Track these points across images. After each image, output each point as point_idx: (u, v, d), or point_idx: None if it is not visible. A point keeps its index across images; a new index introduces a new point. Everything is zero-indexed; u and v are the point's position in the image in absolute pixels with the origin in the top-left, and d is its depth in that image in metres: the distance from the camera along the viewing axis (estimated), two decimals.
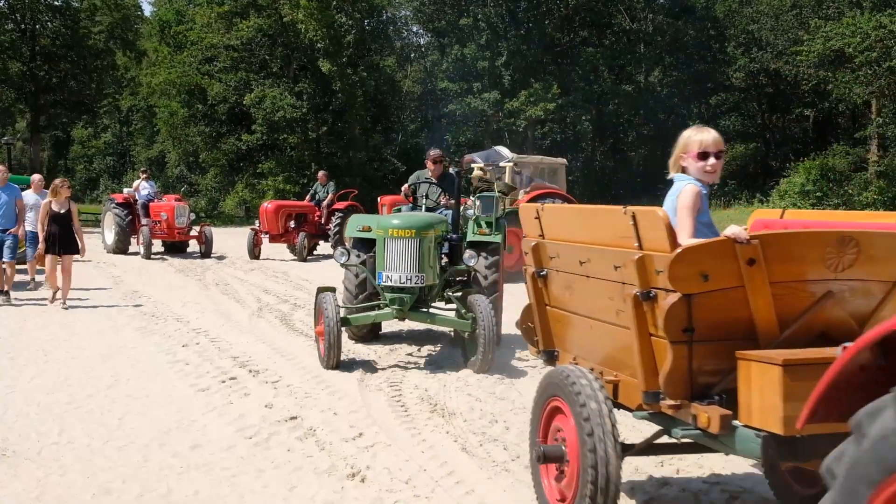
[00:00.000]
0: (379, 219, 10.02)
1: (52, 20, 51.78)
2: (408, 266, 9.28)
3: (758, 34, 50.86)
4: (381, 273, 9.39)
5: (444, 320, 9.51)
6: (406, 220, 9.59)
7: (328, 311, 8.90)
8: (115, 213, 23.51)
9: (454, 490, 5.67)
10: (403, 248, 9.29)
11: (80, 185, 78.25)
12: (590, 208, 5.33)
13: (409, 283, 9.28)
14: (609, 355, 4.89)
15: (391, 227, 9.34)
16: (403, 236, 9.30)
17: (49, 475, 5.85)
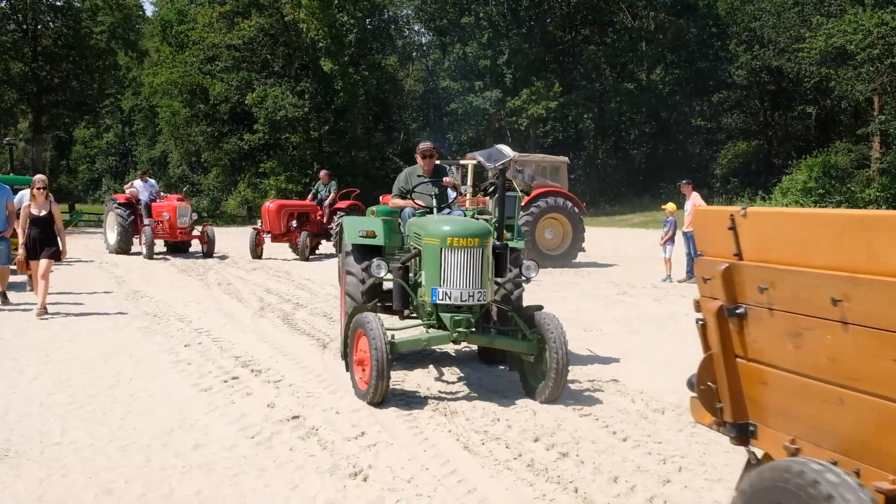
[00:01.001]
0: (424, 225, 8.33)
1: (53, 20, 51.79)
2: (471, 280, 7.86)
3: (760, 31, 50.77)
4: (436, 289, 7.84)
5: (507, 342, 8.17)
6: (465, 226, 8.07)
7: (376, 336, 7.48)
8: (117, 213, 23.51)
9: (456, 489, 5.67)
10: (465, 259, 7.86)
11: (82, 185, 78.45)
12: (850, 214, 3.48)
13: (471, 300, 7.83)
14: (879, 447, 3.26)
15: (450, 236, 7.85)
16: (465, 246, 7.87)
17: (51, 475, 5.85)
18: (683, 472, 6.05)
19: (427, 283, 8.00)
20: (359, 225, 9.38)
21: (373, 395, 7.59)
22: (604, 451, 6.51)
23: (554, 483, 5.77)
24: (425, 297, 8.02)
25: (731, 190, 49.77)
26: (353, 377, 8.02)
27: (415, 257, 8.51)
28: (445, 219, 8.46)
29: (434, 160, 9.85)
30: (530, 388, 8.12)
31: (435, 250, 7.92)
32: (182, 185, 53.80)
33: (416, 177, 9.79)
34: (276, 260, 22.40)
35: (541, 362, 7.95)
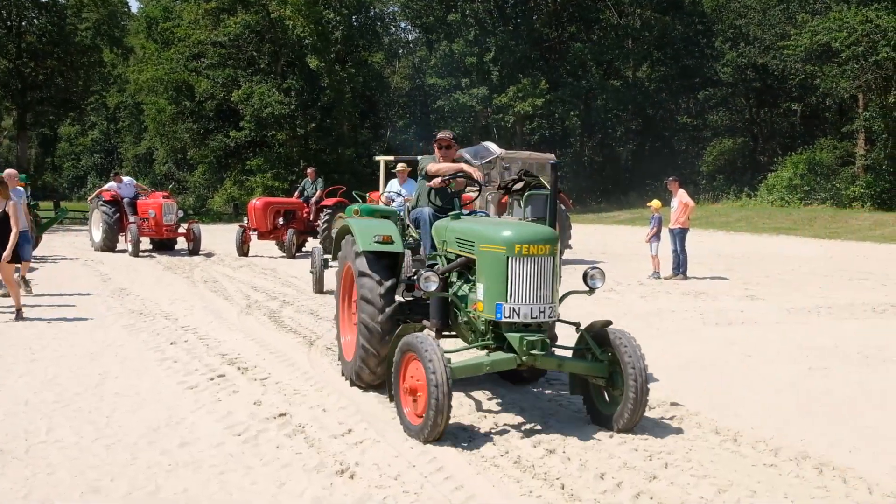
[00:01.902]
0: (477, 230, 7.22)
1: (38, 17, 51.54)
2: (542, 294, 6.76)
3: (745, 29, 51.01)
4: (501, 305, 6.69)
5: (578, 365, 7.06)
6: (535, 231, 6.91)
7: (434, 361, 6.31)
8: (102, 210, 23.42)
9: (443, 486, 5.68)
10: (536, 270, 6.73)
11: (67, 182, 78.14)
12: None
13: (542, 316, 6.76)
14: None
15: (519, 243, 6.68)
16: (536, 254, 6.72)
17: (37, 474, 5.83)
18: (669, 468, 6.07)
19: (488, 298, 6.81)
20: (372, 229, 8.02)
21: (430, 432, 6.41)
22: (590, 448, 6.52)
23: (541, 480, 5.79)
24: (482, 314, 6.91)
25: (716, 187, 49.99)
26: (401, 409, 6.85)
27: (459, 267, 7.46)
28: (507, 223, 7.28)
29: (454, 152, 8.81)
30: (600, 415, 7.13)
31: (498, 260, 6.74)
32: (168, 182, 53.67)
33: None
34: (262, 257, 22.37)
35: (613, 386, 6.94)
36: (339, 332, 8.83)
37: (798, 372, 9.36)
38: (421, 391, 6.47)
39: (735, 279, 18.48)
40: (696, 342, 11.20)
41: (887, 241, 30.64)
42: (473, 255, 7.11)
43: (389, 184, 17.10)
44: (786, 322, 13.00)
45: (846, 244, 29.67)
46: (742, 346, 10.80)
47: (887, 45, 37.63)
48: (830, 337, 11.53)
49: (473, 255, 7.11)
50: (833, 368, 9.60)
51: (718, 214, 41.95)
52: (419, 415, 6.55)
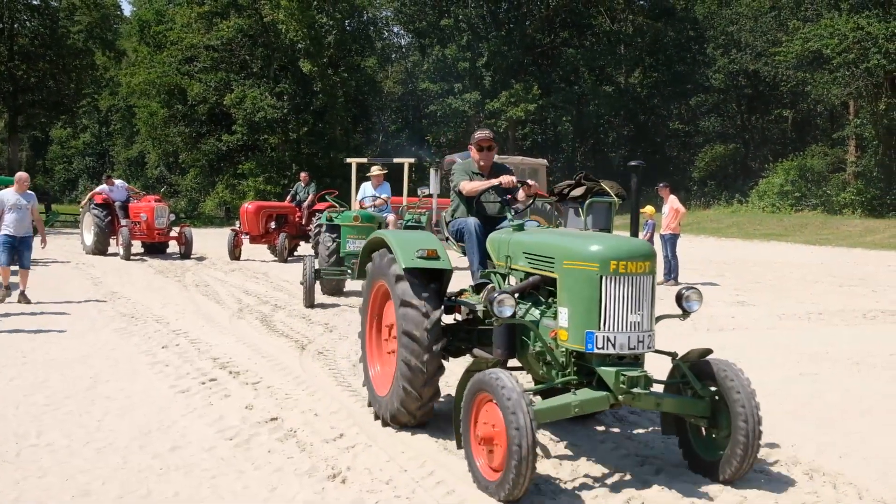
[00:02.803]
0: (556, 243, 6.13)
1: (30, 20, 51.43)
2: (641, 321, 5.68)
3: (737, 36, 51.21)
4: (593, 334, 5.59)
5: (678, 403, 5.91)
6: (632, 245, 5.79)
7: (515, 405, 5.21)
8: (94, 213, 23.37)
9: (435, 490, 5.68)
10: (636, 291, 5.66)
11: (58, 185, 77.95)
12: None
13: (640, 346, 5.68)
14: None
15: (615, 259, 5.60)
16: (636, 272, 5.64)
17: (27, 477, 5.82)
18: (661, 474, 6.08)
19: (575, 325, 5.69)
20: (414, 242, 6.85)
21: (510, 490, 5.30)
22: (582, 453, 6.53)
23: (532, 485, 5.79)
24: (565, 344, 5.82)
25: (708, 193, 50.13)
26: (472, 461, 5.76)
27: (531, 287, 6.42)
28: (594, 235, 6.22)
29: (494, 153, 7.81)
30: (700, 461, 6.07)
31: (589, 279, 5.64)
32: (160, 185, 53.57)
33: (472, 172, 7.78)
34: (254, 261, 22.34)
35: (717, 427, 5.88)
36: (366, 358, 7.64)
37: (788, 377, 9.39)
38: (498, 440, 5.37)
39: (726, 285, 18.52)
40: (687, 348, 11.21)
41: (878, 247, 30.74)
42: (552, 273, 6.00)
43: (362, 187, 16.72)
44: (777, 328, 13.04)
45: (837, 250, 29.76)
46: (733, 352, 10.80)
47: (878, 52, 37.82)
48: (821, 343, 11.57)
49: (552, 273, 6.00)
50: (823, 374, 9.63)
51: (710, 220, 42.07)
52: (496, 468, 5.47)
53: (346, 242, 14.57)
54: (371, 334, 7.67)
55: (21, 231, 13.94)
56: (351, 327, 12.30)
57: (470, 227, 7.31)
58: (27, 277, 14.25)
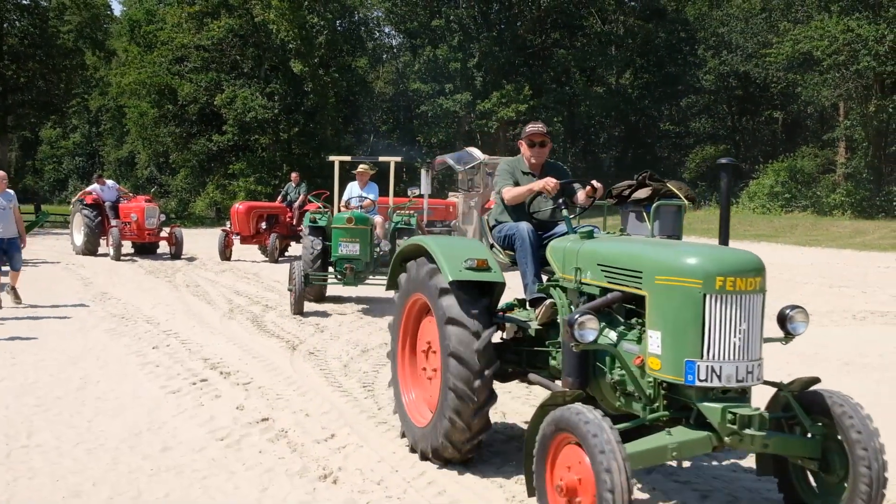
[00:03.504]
0: (642, 253, 5.25)
1: (20, 19, 51.21)
2: (751, 348, 4.90)
3: (728, 37, 51.31)
4: (694, 364, 4.75)
5: (786, 443, 5.01)
6: (742, 258, 4.95)
7: (606, 449, 4.33)
8: (84, 214, 23.32)
9: (426, 490, 5.69)
10: (745, 312, 4.87)
11: (48, 186, 77.69)
12: None
13: (749, 378, 4.88)
14: None
15: (722, 274, 4.76)
16: (746, 290, 4.84)
17: (18, 478, 5.81)
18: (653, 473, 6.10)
19: (671, 352, 4.85)
20: (461, 250, 6.14)
21: None
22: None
23: (522, 485, 5.80)
24: (656, 373, 4.96)
25: (698, 194, 50.19)
26: None
27: (607, 305, 5.49)
28: (692, 245, 5.30)
29: (547, 150, 7.01)
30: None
31: (689, 299, 4.79)
32: (150, 186, 53.42)
33: (523, 171, 7.00)
34: (245, 262, 22.31)
35: (828, 470, 4.97)
36: (398, 381, 6.86)
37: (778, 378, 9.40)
38: (584, 491, 4.49)
39: None
40: None
41: (867, 248, 30.84)
42: (638, 289, 5.13)
43: (349, 187, 15.55)
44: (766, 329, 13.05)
45: (827, 251, 29.84)
46: None
47: (868, 54, 37.94)
48: (811, 343, 11.59)
49: (638, 289, 5.13)
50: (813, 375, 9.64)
51: (700, 221, 42.12)
52: None
53: (339, 246, 13.65)
54: (404, 355, 6.86)
55: (8, 232, 13.59)
56: (342, 327, 12.32)
57: (523, 234, 6.45)
58: (18, 279, 14.06)
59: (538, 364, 6.24)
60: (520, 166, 7.00)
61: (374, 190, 15.33)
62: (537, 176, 6.82)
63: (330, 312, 13.73)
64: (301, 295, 13.34)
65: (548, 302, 6.09)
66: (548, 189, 6.40)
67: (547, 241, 6.44)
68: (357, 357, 10.11)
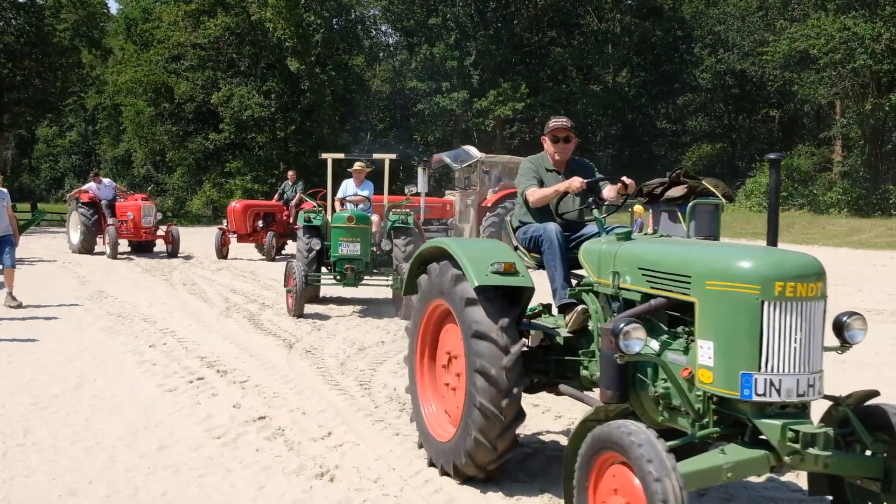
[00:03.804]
0: (713, 257, 4.72)
1: (16, 17, 51.10)
2: (812, 359, 4.51)
3: (724, 35, 51.38)
4: (751, 377, 4.35)
5: (847, 462, 4.58)
6: (803, 262, 4.58)
7: (661, 473, 3.91)
8: (81, 212, 23.30)
9: (423, 489, 5.69)
10: (807, 321, 4.48)
11: (44, 184, 77.58)
12: None
13: (810, 393, 4.47)
14: None
15: (782, 279, 4.38)
16: (807, 297, 4.46)
17: (14, 477, 5.80)
18: None
19: (724, 364, 4.45)
20: (486, 252, 5.76)
21: None
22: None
23: (521, 483, 5.81)
24: (707, 387, 4.54)
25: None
26: None
27: (651, 312, 5.07)
28: (749, 248, 4.88)
29: (572, 145, 6.69)
30: None
31: (745, 306, 4.40)
32: (146, 184, 53.38)
33: (547, 169, 6.68)
34: (241, 260, 22.30)
35: (890, 491, 4.54)
36: (416, 390, 6.51)
37: None
38: None
39: None
40: None
41: (864, 246, 30.89)
42: (686, 295, 4.74)
43: (343, 185, 15.09)
44: None
45: (823, 250, 29.87)
46: None
47: (864, 52, 38.00)
48: None
49: (686, 295, 4.74)
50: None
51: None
52: None
53: (339, 246, 13.29)
54: (422, 363, 6.50)
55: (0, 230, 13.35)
56: (339, 326, 12.32)
57: (551, 235, 6.09)
58: (13, 277, 13.73)
59: (567, 374, 5.87)
60: (543, 164, 6.67)
61: (370, 188, 14.98)
62: (562, 173, 6.54)
63: (326, 311, 13.73)
64: (302, 296, 12.92)
65: (579, 308, 5.71)
66: (574, 189, 6.13)
67: (575, 242, 6.15)
68: (354, 355, 10.11)
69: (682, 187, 6.49)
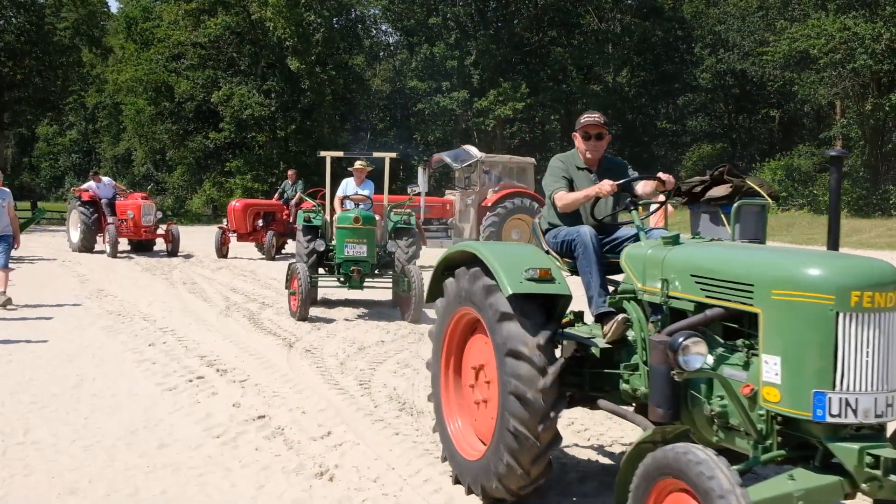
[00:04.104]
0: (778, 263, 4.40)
1: (16, 16, 51.08)
2: (890, 376, 4.07)
3: (724, 35, 51.34)
4: (824, 396, 4.00)
5: None
6: (878, 268, 4.17)
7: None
8: (80, 211, 23.30)
9: (422, 488, 5.69)
10: (885, 333, 4.05)
11: (45, 183, 77.58)
12: None
13: (889, 413, 4.06)
14: None
15: (860, 288, 4.00)
16: (886, 308, 4.04)
17: (14, 476, 5.80)
18: None
19: (793, 381, 4.07)
20: (519, 258, 5.36)
21: None
22: (570, 451, 6.55)
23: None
24: (772, 405, 4.16)
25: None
26: None
27: (705, 324, 4.70)
28: (817, 253, 4.58)
29: (605, 143, 6.23)
30: None
31: (818, 318, 4.02)
32: (146, 183, 53.42)
33: (578, 167, 6.24)
34: (241, 259, 22.30)
35: None
36: (441, 403, 6.09)
37: None
38: None
39: None
40: None
41: (864, 247, 30.87)
42: (749, 305, 4.35)
43: (343, 184, 14.58)
44: None
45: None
46: None
47: (864, 52, 37.99)
48: None
49: (749, 305, 4.35)
50: None
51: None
52: None
53: (345, 247, 12.80)
54: (447, 375, 6.07)
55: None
56: (338, 325, 12.31)
57: (585, 239, 5.63)
58: (6, 278, 13.32)
59: (605, 388, 5.43)
60: (574, 162, 6.21)
61: (370, 187, 14.59)
62: (594, 172, 6.12)
63: (326, 310, 13.72)
64: (307, 299, 12.46)
65: (620, 317, 5.28)
66: (605, 193, 5.72)
67: (609, 246, 5.80)
68: (353, 354, 10.11)
69: (725, 186, 6.01)
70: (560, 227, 6.01)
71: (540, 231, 6.25)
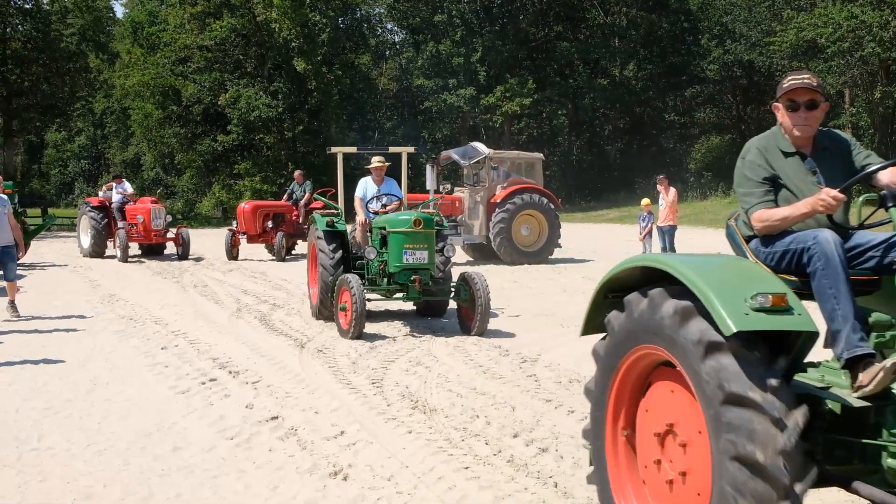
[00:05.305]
0: None
1: (22, 23, 51.29)
2: None
3: (731, 26, 51.16)
4: None
5: None
6: None
7: None
8: (90, 216, 23.40)
9: (436, 486, 5.67)
10: None
11: (55, 189, 77.82)
12: None
13: None
14: None
15: None
16: None
17: (29, 481, 5.81)
18: None
19: None
20: (735, 277, 3.83)
21: None
22: (583, 446, 6.52)
23: (534, 478, 5.78)
24: None
25: (704, 184, 50.09)
26: None
27: None
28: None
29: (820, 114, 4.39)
30: None
31: None
32: (156, 187, 53.56)
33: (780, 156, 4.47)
34: (252, 261, 22.33)
35: None
36: (607, 471, 4.45)
37: None
38: None
39: None
40: None
41: None
42: None
43: (362, 183, 13.12)
44: None
45: None
46: None
47: (872, 40, 37.79)
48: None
49: None
50: None
51: (707, 211, 42.04)
52: None
53: (403, 254, 11.24)
54: (615, 432, 4.41)
55: (1, 240, 12.44)
56: None
57: (828, 248, 3.93)
58: (14, 290, 13.04)
59: (851, 461, 3.75)
60: (777, 144, 4.44)
61: (395, 187, 13.22)
62: (809, 157, 4.37)
63: None
64: (362, 314, 10.85)
65: (889, 363, 3.61)
66: (832, 209, 4.06)
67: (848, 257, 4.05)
68: (365, 353, 10.09)
69: None
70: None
71: (741, 237, 4.54)
